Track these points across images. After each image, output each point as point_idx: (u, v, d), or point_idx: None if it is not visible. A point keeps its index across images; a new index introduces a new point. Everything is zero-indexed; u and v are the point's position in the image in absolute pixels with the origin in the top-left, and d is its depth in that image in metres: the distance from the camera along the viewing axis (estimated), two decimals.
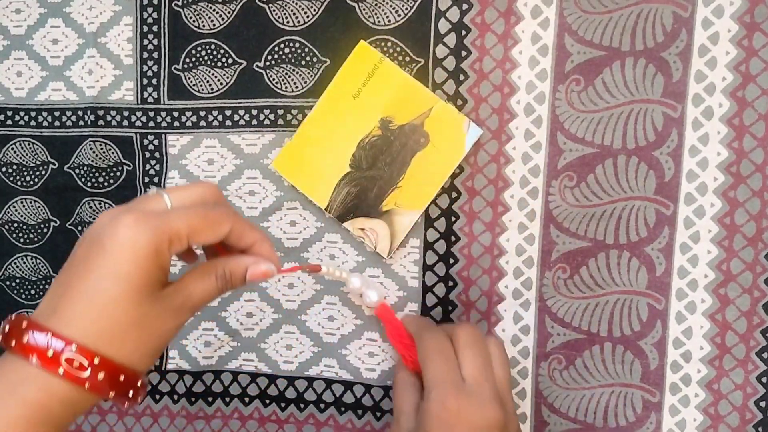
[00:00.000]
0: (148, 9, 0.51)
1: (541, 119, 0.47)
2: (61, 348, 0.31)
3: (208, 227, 0.35)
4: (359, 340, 0.50)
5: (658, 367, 0.47)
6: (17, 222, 0.54)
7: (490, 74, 0.47)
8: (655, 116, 0.45)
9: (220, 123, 0.51)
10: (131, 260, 0.32)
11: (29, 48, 0.53)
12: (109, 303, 0.32)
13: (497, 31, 0.47)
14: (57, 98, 0.53)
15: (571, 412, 0.48)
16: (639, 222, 0.46)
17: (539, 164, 0.47)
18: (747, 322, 0.45)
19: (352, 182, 0.48)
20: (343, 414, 0.51)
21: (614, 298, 0.47)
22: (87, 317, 0.32)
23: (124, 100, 0.52)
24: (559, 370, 0.48)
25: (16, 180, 0.54)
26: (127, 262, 0.32)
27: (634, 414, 0.47)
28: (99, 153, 0.52)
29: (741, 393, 0.46)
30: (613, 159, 0.46)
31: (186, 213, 0.34)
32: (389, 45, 0.48)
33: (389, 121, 0.48)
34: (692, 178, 0.45)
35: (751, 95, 0.44)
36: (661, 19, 0.45)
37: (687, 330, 0.46)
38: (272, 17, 0.49)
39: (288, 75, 0.49)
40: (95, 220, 0.35)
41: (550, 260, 0.47)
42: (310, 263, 0.49)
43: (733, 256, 0.45)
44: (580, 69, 0.46)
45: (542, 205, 0.47)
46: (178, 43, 0.51)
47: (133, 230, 0.32)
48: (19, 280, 0.55)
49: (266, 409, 0.52)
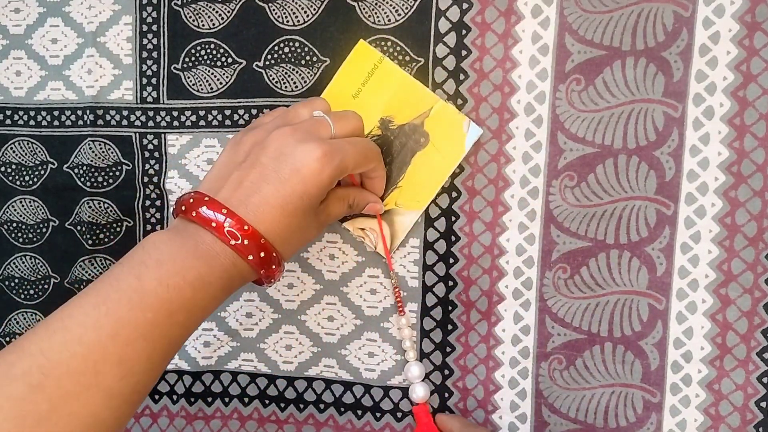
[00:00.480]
0: (147, 8, 0.51)
1: (541, 119, 0.46)
2: (246, 232, 0.38)
3: (366, 163, 0.43)
4: (359, 341, 0.50)
5: (659, 368, 0.47)
6: (16, 222, 0.54)
7: (490, 74, 0.47)
8: (655, 116, 0.45)
9: (219, 123, 0.51)
10: (317, 186, 0.39)
11: (28, 47, 0.53)
12: (293, 214, 0.39)
13: (497, 30, 0.46)
14: (56, 98, 0.52)
15: (572, 412, 0.48)
16: (639, 222, 0.46)
17: (540, 164, 0.47)
18: (748, 322, 0.45)
19: None
20: (343, 414, 0.51)
21: (615, 298, 0.47)
22: (273, 220, 0.39)
23: (124, 99, 0.52)
24: (560, 370, 0.48)
25: (15, 180, 0.54)
26: (314, 187, 0.39)
27: (635, 414, 0.47)
28: (98, 152, 0.52)
29: (742, 393, 0.46)
30: (613, 159, 0.46)
31: (356, 150, 0.42)
32: (389, 44, 0.48)
33: (389, 121, 0.48)
34: (693, 177, 0.45)
35: (752, 95, 0.44)
36: (661, 18, 0.44)
37: (688, 330, 0.46)
38: (272, 16, 0.49)
39: (288, 74, 0.49)
40: (275, 136, 0.40)
41: (551, 260, 0.47)
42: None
43: (734, 256, 0.45)
44: (580, 68, 0.46)
45: (543, 204, 0.47)
46: (178, 42, 0.51)
47: (322, 163, 0.39)
48: (18, 279, 0.54)
49: (266, 409, 0.52)
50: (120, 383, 0.34)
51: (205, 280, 0.37)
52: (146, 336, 0.35)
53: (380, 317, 0.50)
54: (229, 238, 0.37)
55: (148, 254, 0.37)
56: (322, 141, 0.40)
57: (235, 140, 0.42)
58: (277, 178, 0.39)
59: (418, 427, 0.47)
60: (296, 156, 0.39)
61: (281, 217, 0.39)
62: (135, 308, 0.35)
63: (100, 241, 0.53)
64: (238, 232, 0.37)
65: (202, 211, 0.38)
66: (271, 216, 0.38)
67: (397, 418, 0.50)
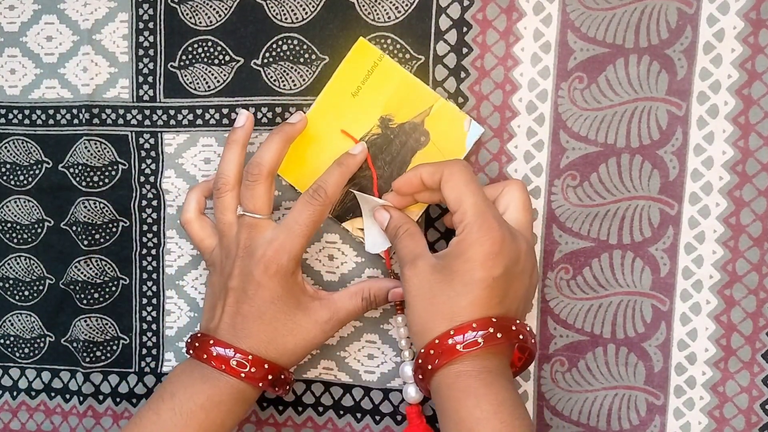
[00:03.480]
0: (143, 5, 0.50)
1: (543, 117, 0.46)
2: (243, 360, 0.43)
3: (316, 228, 0.45)
4: (358, 342, 0.50)
5: (663, 370, 0.46)
6: (11, 222, 0.53)
7: (491, 71, 0.46)
8: (659, 114, 0.45)
9: (217, 121, 0.50)
10: (279, 285, 0.44)
11: (23, 45, 0.52)
12: (271, 320, 0.44)
13: (499, 27, 0.46)
14: (51, 96, 0.52)
15: (574, 415, 0.47)
16: (643, 222, 0.45)
17: (541, 163, 0.46)
18: (753, 323, 0.45)
19: (351, 182, 0.48)
20: (342, 417, 0.50)
21: (618, 299, 0.46)
22: (257, 333, 0.44)
23: (120, 98, 0.51)
24: (562, 372, 0.47)
25: (10, 179, 0.53)
26: (278, 287, 0.44)
27: (638, 417, 0.47)
28: (94, 152, 0.51)
29: (746, 396, 0.45)
30: (616, 158, 0.45)
31: (301, 229, 0.44)
32: (389, 42, 0.47)
33: (389, 120, 0.47)
34: (697, 177, 0.45)
35: (757, 93, 0.43)
36: (665, 15, 0.44)
37: (692, 332, 0.46)
38: (270, 14, 0.49)
39: (286, 72, 0.49)
40: (229, 254, 0.45)
41: (553, 260, 0.47)
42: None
43: (738, 257, 0.45)
44: (583, 66, 0.45)
45: (545, 204, 0.46)
46: (175, 40, 0.50)
47: (275, 264, 0.43)
48: (13, 281, 0.54)
49: (264, 412, 0.51)
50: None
51: (214, 401, 0.42)
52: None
53: (380, 319, 0.49)
54: (238, 371, 0.43)
55: (164, 388, 0.44)
56: (265, 245, 0.44)
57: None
58: (247, 296, 0.44)
59: (410, 427, 0.47)
60: (251, 271, 0.44)
61: (263, 327, 0.44)
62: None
63: (95, 241, 0.52)
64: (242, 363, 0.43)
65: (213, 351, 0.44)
66: (256, 330, 0.44)
67: (397, 421, 0.50)
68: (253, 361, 0.43)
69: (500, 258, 0.40)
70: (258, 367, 0.43)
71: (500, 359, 0.40)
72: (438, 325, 0.40)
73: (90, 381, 0.53)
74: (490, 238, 0.40)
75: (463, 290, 0.40)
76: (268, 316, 0.44)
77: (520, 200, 0.43)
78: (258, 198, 0.44)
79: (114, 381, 0.53)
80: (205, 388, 0.43)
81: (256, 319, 0.44)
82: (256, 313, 0.44)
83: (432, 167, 0.43)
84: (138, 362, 0.53)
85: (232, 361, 0.43)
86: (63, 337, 0.53)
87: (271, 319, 0.44)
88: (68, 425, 0.54)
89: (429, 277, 0.41)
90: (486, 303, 0.40)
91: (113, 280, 0.52)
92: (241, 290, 0.44)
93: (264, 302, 0.44)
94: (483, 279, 0.40)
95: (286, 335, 0.44)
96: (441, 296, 0.40)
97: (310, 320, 0.45)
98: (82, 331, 0.52)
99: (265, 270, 0.43)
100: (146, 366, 0.52)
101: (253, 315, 0.44)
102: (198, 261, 0.51)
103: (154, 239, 0.52)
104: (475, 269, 0.40)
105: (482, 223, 0.40)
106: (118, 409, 0.53)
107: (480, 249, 0.40)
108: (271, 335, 0.44)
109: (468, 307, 0.40)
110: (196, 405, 0.42)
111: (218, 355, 0.43)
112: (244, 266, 0.44)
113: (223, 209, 0.46)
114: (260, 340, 0.44)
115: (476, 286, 0.40)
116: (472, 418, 0.38)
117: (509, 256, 0.40)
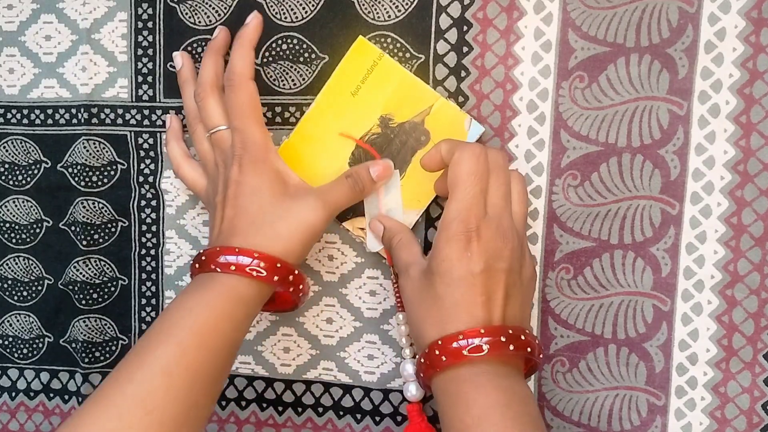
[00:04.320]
0: (143, 5, 0.50)
1: (544, 116, 0.46)
2: (249, 262, 0.41)
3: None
4: (358, 343, 0.49)
5: (664, 370, 0.46)
6: (9, 222, 0.53)
7: (492, 71, 0.46)
8: (660, 114, 0.44)
9: None
10: (259, 178, 0.43)
11: (21, 44, 0.52)
12: (258, 210, 0.43)
13: (499, 26, 0.46)
14: (50, 96, 0.52)
15: (575, 415, 0.47)
16: (644, 222, 0.45)
17: (542, 162, 0.46)
18: (754, 323, 0.45)
19: None
20: (342, 418, 0.50)
21: (619, 299, 0.46)
22: (246, 227, 0.42)
23: (119, 97, 0.51)
24: (563, 372, 0.47)
25: (8, 179, 0.53)
26: (268, 175, 0.44)
27: (639, 418, 0.46)
28: (93, 152, 0.51)
29: (748, 396, 0.45)
30: (617, 157, 0.45)
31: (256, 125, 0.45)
32: (389, 41, 0.47)
33: (389, 119, 0.47)
34: (698, 176, 0.44)
35: (759, 92, 0.43)
36: (666, 14, 0.44)
37: (693, 332, 0.45)
38: (269, 13, 0.48)
39: (286, 72, 0.49)
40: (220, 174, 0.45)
41: (554, 260, 0.47)
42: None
43: (740, 257, 0.44)
44: (584, 65, 0.45)
45: (545, 204, 0.46)
46: (174, 39, 0.50)
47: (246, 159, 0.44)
48: (11, 281, 0.54)
49: (263, 413, 0.51)
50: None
51: (206, 304, 0.40)
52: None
53: (380, 319, 0.49)
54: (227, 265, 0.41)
55: (179, 304, 0.41)
56: (241, 145, 0.44)
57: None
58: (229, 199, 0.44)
59: (411, 425, 0.47)
60: (243, 165, 0.44)
61: (248, 216, 0.43)
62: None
63: (94, 241, 0.52)
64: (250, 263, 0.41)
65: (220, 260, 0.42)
66: (244, 223, 0.43)
67: (397, 421, 0.49)
68: (241, 252, 0.41)
69: (478, 253, 0.39)
70: (248, 256, 0.41)
71: (501, 361, 0.40)
72: (429, 330, 0.40)
73: (89, 382, 0.53)
74: (465, 233, 0.39)
75: (446, 291, 0.39)
76: (254, 208, 0.43)
77: (515, 191, 0.43)
78: (210, 111, 0.45)
79: None
80: (195, 295, 0.41)
81: (242, 215, 0.43)
82: (241, 210, 0.43)
83: (449, 145, 0.42)
84: None
85: (221, 258, 0.41)
86: (62, 337, 0.53)
87: (257, 210, 0.43)
88: None
89: (418, 284, 0.41)
90: (470, 302, 0.39)
91: (112, 280, 0.52)
92: (223, 198, 0.44)
93: (245, 197, 0.43)
94: (462, 277, 0.39)
95: (276, 221, 0.42)
96: (428, 300, 0.40)
97: (299, 204, 0.43)
98: (81, 331, 0.52)
99: (239, 167, 0.43)
100: None
101: (239, 213, 0.43)
102: None
103: (153, 239, 0.52)
104: (453, 268, 0.39)
105: (462, 219, 0.39)
106: None
107: (456, 245, 0.39)
108: (260, 224, 0.42)
109: (452, 310, 0.39)
110: (185, 309, 0.40)
111: (206, 258, 0.42)
112: (224, 177, 0.44)
113: (198, 140, 0.47)
114: (249, 233, 0.42)
115: (458, 286, 0.39)
116: (462, 425, 0.38)
117: (489, 251, 0.39)
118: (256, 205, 0.43)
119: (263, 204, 0.43)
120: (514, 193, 0.43)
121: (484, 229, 0.39)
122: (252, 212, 0.43)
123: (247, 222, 0.43)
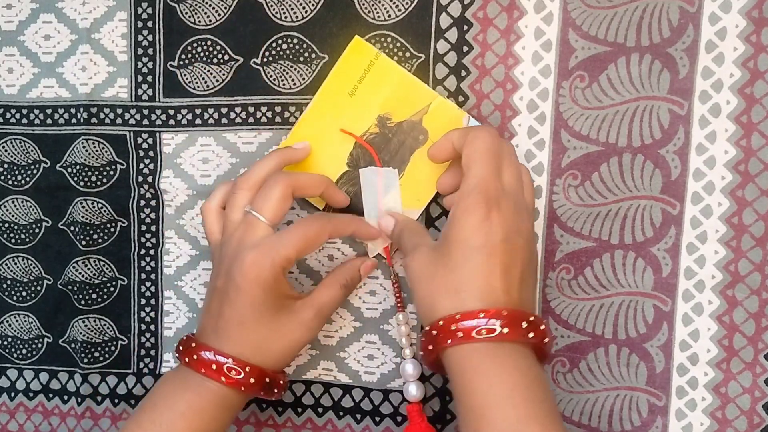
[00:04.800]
0: (142, 4, 0.50)
1: (544, 116, 0.46)
2: (223, 362, 0.41)
3: (311, 245, 0.43)
4: (358, 343, 0.49)
5: (664, 370, 0.46)
6: (8, 222, 0.53)
7: (492, 70, 0.46)
8: (661, 113, 0.44)
9: (216, 121, 0.50)
10: (260, 287, 0.41)
11: (20, 44, 0.52)
12: (253, 324, 0.42)
13: (500, 26, 0.46)
14: (49, 95, 0.52)
15: (575, 416, 0.47)
16: (645, 222, 0.45)
17: (543, 162, 0.46)
18: (755, 324, 0.44)
19: (350, 181, 0.47)
20: (342, 418, 0.50)
21: (619, 299, 0.46)
22: (239, 336, 0.42)
23: (118, 97, 0.51)
24: (563, 373, 0.47)
25: (8, 179, 0.53)
26: (257, 289, 0.41)
27: (640, 418, 0.46)
28: (92, 151, 0.51)
29: (749, 396, 0.45)
30: (618, 157, 0.45)
31: (291, 240, 0.41)
32: (389, 40, 0.47)
33: (387, 118, 0.47)
34: (699, 176, 0.44)
35: (760, 92, 0.43)
36: (667, 14, 0.44)
37: (694, 332, 0.45)
38: (270, 12, 0.48)
39: (286, 71, 0.49)
40: (224, 253, 0.43)
41: (554, 260, 0.46)
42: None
43: (741, 257, 0.44)
44: (584, 65, 0.45)
45: (546, 204, 0.46)
46: (174, 39, 0.50)
47: (256, 267, 0.41)
48: (11, 281, 0.54)
49: (263, 413, 0.51)
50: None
51: (195, 408, 0.41)
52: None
53: (380, 319, 0.49)
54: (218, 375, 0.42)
55: (147, 398, 0.43)
56: (251, 247, 0.42)
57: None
58: (229, 298, 0.42)
59: (411, 426, 0.47)
60: (233, 273, 0.42)
61: (246, 331, 0.42)
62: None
63: (93, 241, 0.52)
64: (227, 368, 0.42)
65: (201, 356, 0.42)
66: (238, 334, 0.42)
67: (397, 422, 0.49)
68: (234, 365, 0.41)
69: (498, 224, 0.38)
70: (240, 370, 0.41)
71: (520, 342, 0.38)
72: (442, 302, 0.39)
73: (88, 382, 0.53)
74: (485, 203, 0.38)
75: (463, 260, 0.38)
76: (251, 322, 0.42)
77: (525, 181, 0.43)
78: (270, 200, 0.42)
79: (112, 382, 0.53)
80: (186, 396, 0.42)
81: (239, 325, 0.42)
82: (237, 318, 0.42)
83: (460, 131, 0.42)
84: (136, 363, 0.52)
85: (213, 365, 0.41)
86: (61, 337, 0.53)
87: (254, 324, 0.42)
88: (66, 426, 0.53)
89: (428, 258, 0.40)
90: (488, 272, 0.38)
91: (111, 280, 0.52)
92: (224, 292, 0.42)
93: (245, 307, 0.42)
94: (482, 245, 0.38)
95: (271, 339, 0.43)
96: (442, 270, 0.39)
97: (294, 322, 0.43)
98: (80, 331, 0.52)
99: (245, 275, 0.41)
100: (144, 367, 0.52)
101: (234, 320, 0.42)
102: (196, 261, 0.51)
103: (153, 239, 0.51)
104: (473, 236, 0.38)
105: (481, 190, 0.39)
106: (117, 410, 0.53)
107: (476, 214, 0.38)
108: (255, 340, 0.42)
109: (469, 278, 0.38)
110: (176, 414, 0.41)
111: (199, 358, 0.42)
112: (230, 267, 0.42)
113: (233, 207, 0.44)
114: (243, 345, 0.42)
115: (477, 254, 0.38)
116: (484, 404, 0.37)
117: (509, 222, 0.38)
118: (254, 320, 0.42)
119: (261, 320, 0.42)
120: (524, 183, 0.43)
121: (504, 202, 0.39)
122: (249, 326, 0.42)
123: (240, 333, 0.42)
